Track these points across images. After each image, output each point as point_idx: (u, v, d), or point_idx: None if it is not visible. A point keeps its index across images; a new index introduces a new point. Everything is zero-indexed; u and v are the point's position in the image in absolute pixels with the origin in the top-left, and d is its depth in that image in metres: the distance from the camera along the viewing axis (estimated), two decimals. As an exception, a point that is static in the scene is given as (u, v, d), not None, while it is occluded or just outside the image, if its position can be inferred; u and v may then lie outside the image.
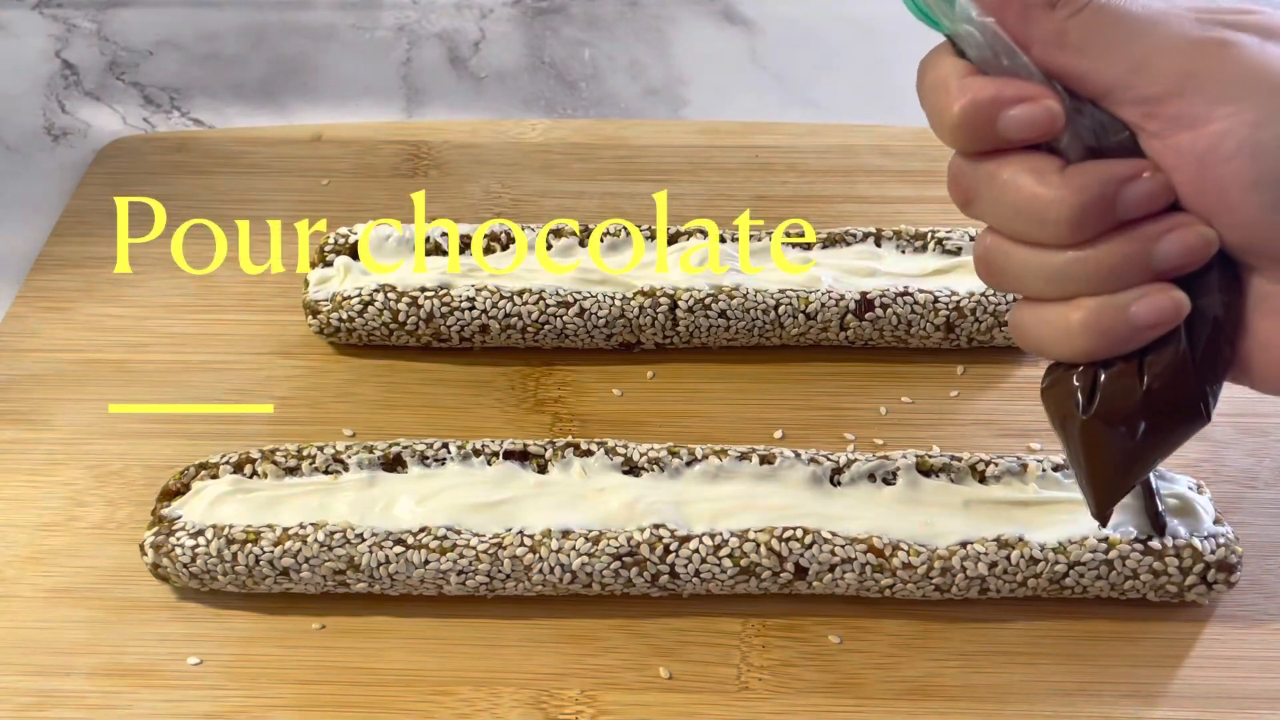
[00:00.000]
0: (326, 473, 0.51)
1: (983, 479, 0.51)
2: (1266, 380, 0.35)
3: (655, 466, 0.51)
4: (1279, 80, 0.31)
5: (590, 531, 0.49)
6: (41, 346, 0.60)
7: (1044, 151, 0.34)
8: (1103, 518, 0.40)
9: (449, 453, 0.52)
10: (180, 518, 0.50)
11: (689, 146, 0.71)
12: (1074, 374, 0.37)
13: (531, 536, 0.49)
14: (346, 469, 0.51)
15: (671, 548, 0.49)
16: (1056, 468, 0.51)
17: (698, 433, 0.56)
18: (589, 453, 0.52)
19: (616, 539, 0.49)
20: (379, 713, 0.47)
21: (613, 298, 0.58)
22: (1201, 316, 0.35)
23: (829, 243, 0.61)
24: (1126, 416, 0.36)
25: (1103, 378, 0.36)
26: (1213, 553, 0.49)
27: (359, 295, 0.58)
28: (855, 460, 0.51)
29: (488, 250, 0.61)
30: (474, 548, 0.49)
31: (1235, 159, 0.32)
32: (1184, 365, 0.35)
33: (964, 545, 0.49)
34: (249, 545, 0.49)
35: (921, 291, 0.58)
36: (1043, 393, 0.38)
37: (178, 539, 0.49)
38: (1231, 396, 0.57)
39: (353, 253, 0.61)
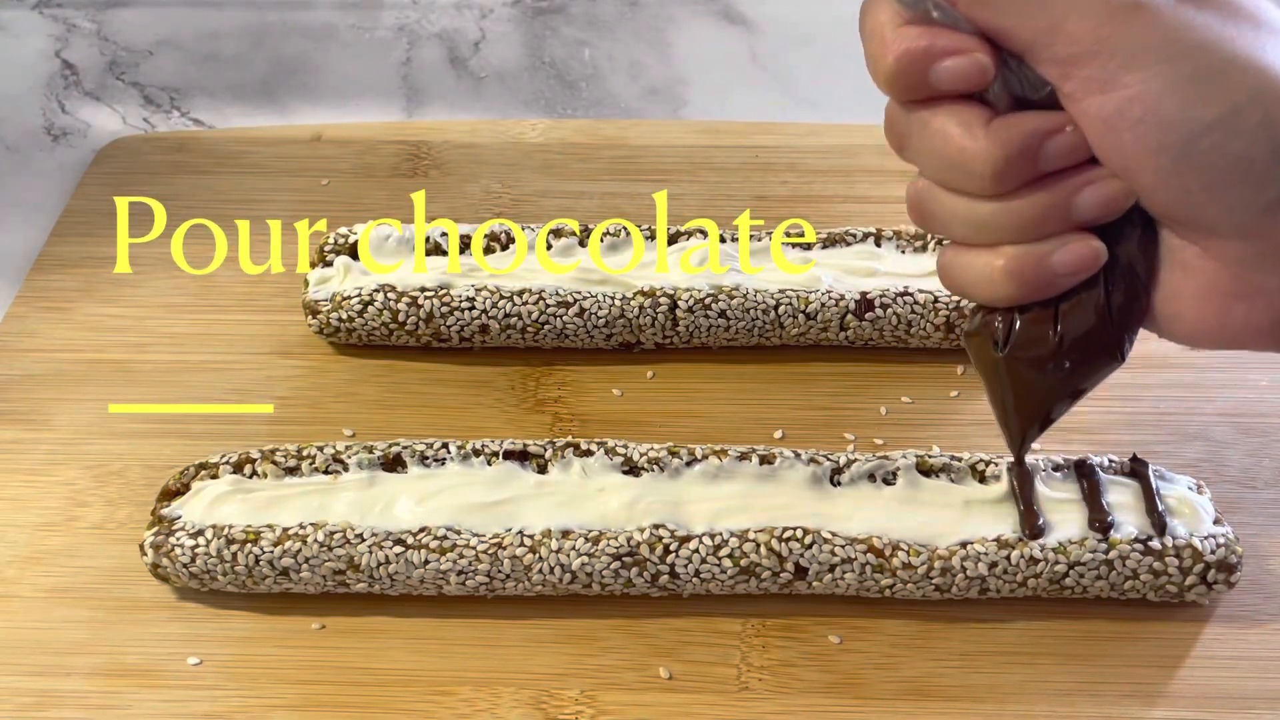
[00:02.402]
0: (326, 473, 0.51)
1: (983, 479, 0.51)
2: (1171, 329, 0.36)
3: (655, 466, 0.51)
4: (1186, 47, 0.32)
5: (590, 531, 0.49)
6: (41, 346, 0.60)
7: (974, 102, 0.35)
8: (1019, 454, 0.41)
9: (449, 453, 0.52)
10: (180, 518, 0.50)
11: (689, 146, 0.71)
12: (996, 316, 0.38)
13: (531, 536, 0.49)
14: (346, 469, 0.51)
15: (671, 548, 0.49)
16: (1057, 468, 0.51)
17: (698, 433, 0.56)
18: (589, 453, 0.52)
19: (616, 539, 0.49)
20: (379, 713, 0.47)
21: (613, 298, 0.58)
22: (1119, 265, 0.36)
23: (829, 243, 0.61)
24: (1041, 357, 0.37)
25: (1018, 321, 0.37)
26: (1213, 553, 0.49)
27: (359, 295, 0.58)
28: (855, 460, 0.51)
29: (488, 250, 0.61)
30: (474, 548, 0.49)
31: (1140, 125, 0.32)
32: (1101, 311, 0.36)
33: (964, 545, 0.49)
34: (249, 545, 0.49)
35: (921, 291, 0.58)
36: (965, 335, 0.39)
37: (177, 539, 0.49)
38: (1233, 397, 0.58)
39: (353, 253, 0.61)
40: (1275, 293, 0.33)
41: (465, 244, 0.61)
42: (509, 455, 0.52)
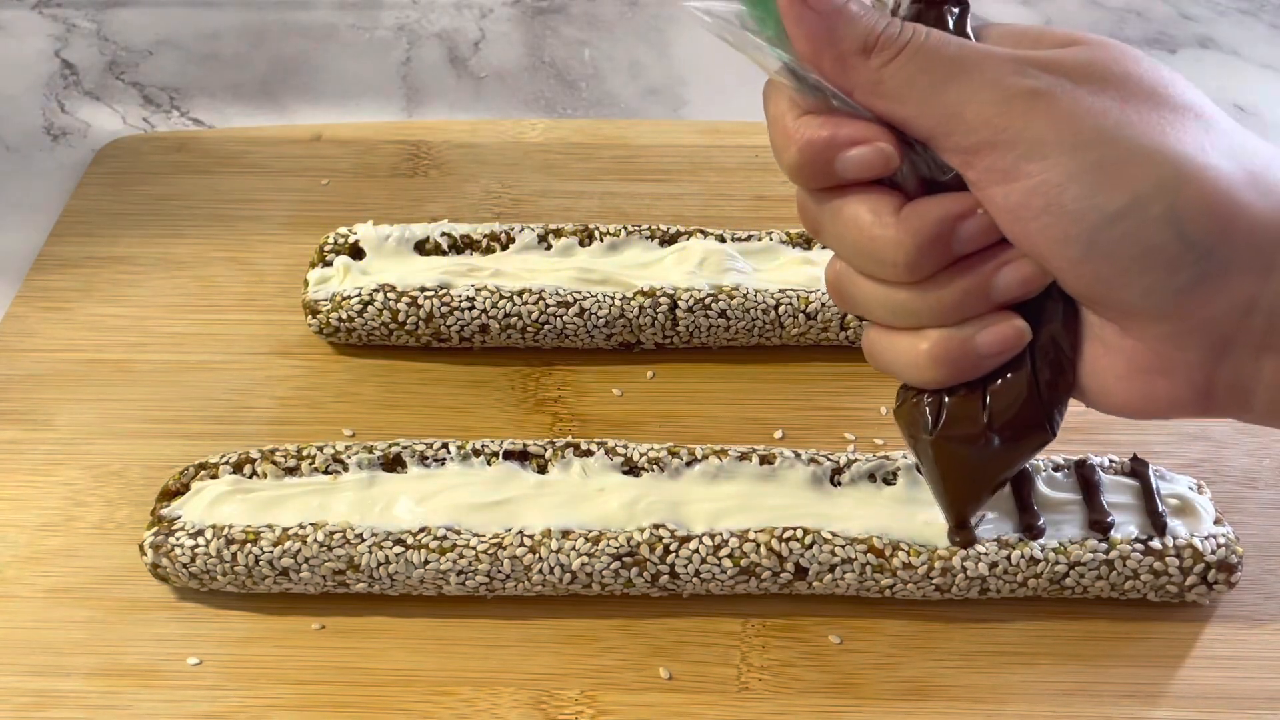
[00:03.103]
0: (326, 473, 0.51)
1: (983, 479, 0.51)
2: (1099, 402, 0.36)
3: (655, 466, 0.51)
4: (1086, 136, 0.31)
5: (590, 531, 0.49)
6: (41, 346, 0.60)
7: (884, 188, 0.34)
8: (959, 531, 0.41)
9: (449, 453, 0.52)
10: (180, 518, 0.50)
11: (689, 146, 0.71)
12: (924, 396, 0.37)
13: (531, 536, 0.49)
14: (346, 469, 0.51)
15: (671, 548, 0.49)
16: (1057, 468, 0.51)
17: (698, 433, 0.56)
18: (589, 453, 0.52)
19: (616, 539, 0.49)
20: (378, 713, 0.47)
21: (613, 298, 0.58)
22: (1043, 341, 0.35)
23: (829, 243, 0.61)
24: (971, 437, 0.37)
25: (947, 400, 0.37)
26: (1213, 553, 0.49)
27: (358, 295, 0.58)
28: (855, 460, 0.51)
29: (488, 250, 0.61)
30: (474, 548, 0.49)
31: (1044, 215, 0.32)
32: (1029, 388, 0.36)
33: (964, 545, 0.49)
34: (248, 545, 0.49)
35: (921, 291, 0.58)
36: (894, 412, 0.39)
37: (177, 539, 0.49)
38: (1232, 396, 0.57)
39: (352, 252, 0.61)
40: (1195, 368, 0.33)
41: (465, 244, 0.61)
42: (509, 455, 0.52)
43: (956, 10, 0.35)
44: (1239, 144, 0.32)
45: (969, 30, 0.35)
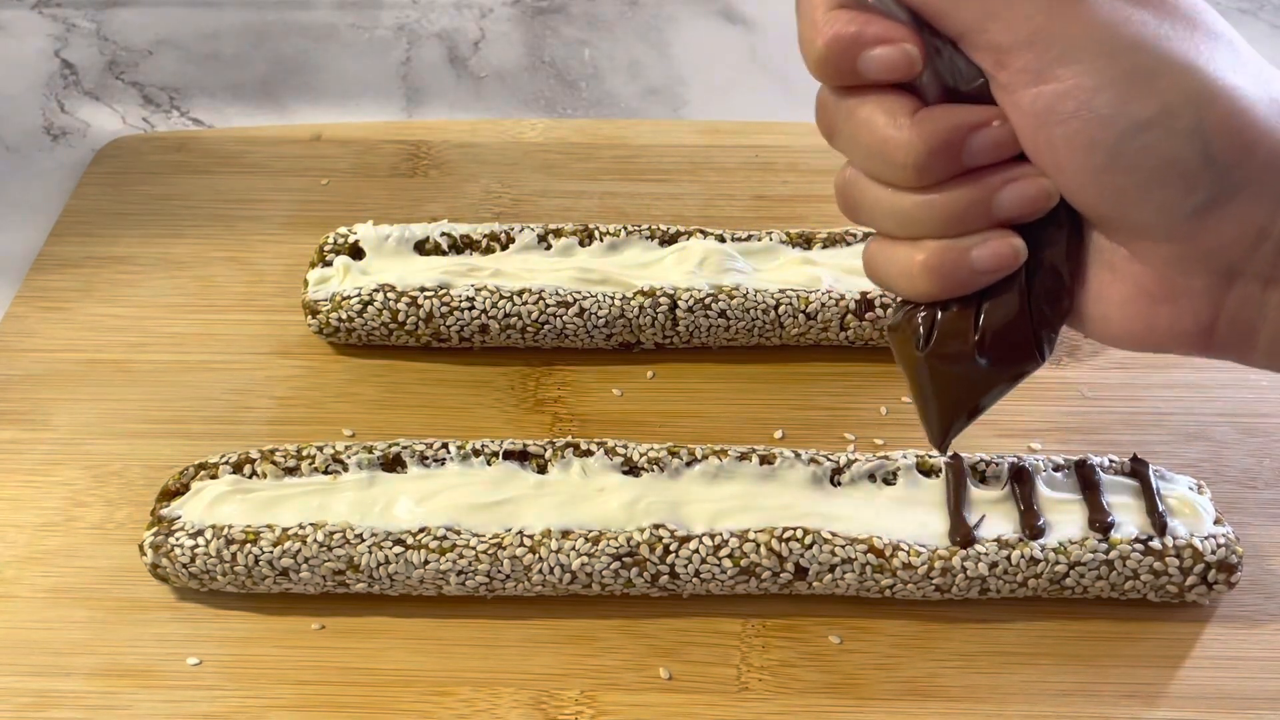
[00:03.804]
0: (326, 473, 0.51)
1: (983, 479, 0.51)
2: (1097, 330, 0.36)
3: (655, 466, 0.51)
4: (1123, 43, 0.31)
5: (590, 531, 0.49)
6: (41, 346, 0.60)
7: (903, 91, 0.34)
8: (941, 447, 0.40)
9: (449, 453, 0.52)
10: (179, 518, 0.50)
11: (689, 146, 0.71)
12: (918, 312, 0.37)
13: (531, 537, 0.49)
14: (346, 469, 0.51)
15: (671, 548, 0.49)
16: (1058, 468, 0.51)
17: (698, 433, 0.56)
18: (589, 453, 0.52)
19: (616, 539, 0.49)
20: (378, 713, 0.47)
21: (613, 298, 0.58)
22: (1041, 264, 0.35)
23: (829, 243, 0.61)
24: (960, 355, 0.37)
25: (940, 317, 0.37)
26: (1213, 553, 0.49)
27: (358, 295, 0.58)
28: (855, 460, 0.51)
29: (488, 250, 0.61)
30: (474, 548, 0.49)
31: (1072, 120, 0.32)
32: (1020, 310, 0.36)
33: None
34: (248, 545, 0.49)
35: (921, 291, 0.58)
36: (888, 329, 0.39)
37: (177, 539, 0.49)
38: (1233, 398, 0.58)
39: (352, 252, 0.61)
40: (1199, 296, 0.33)
41: (465, 244, 0.61)
42: (509, 455, 0.52)
43: None
44: (1267, 73, 0.33)
45: None
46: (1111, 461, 0.52)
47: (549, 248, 0.61)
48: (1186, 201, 0.32)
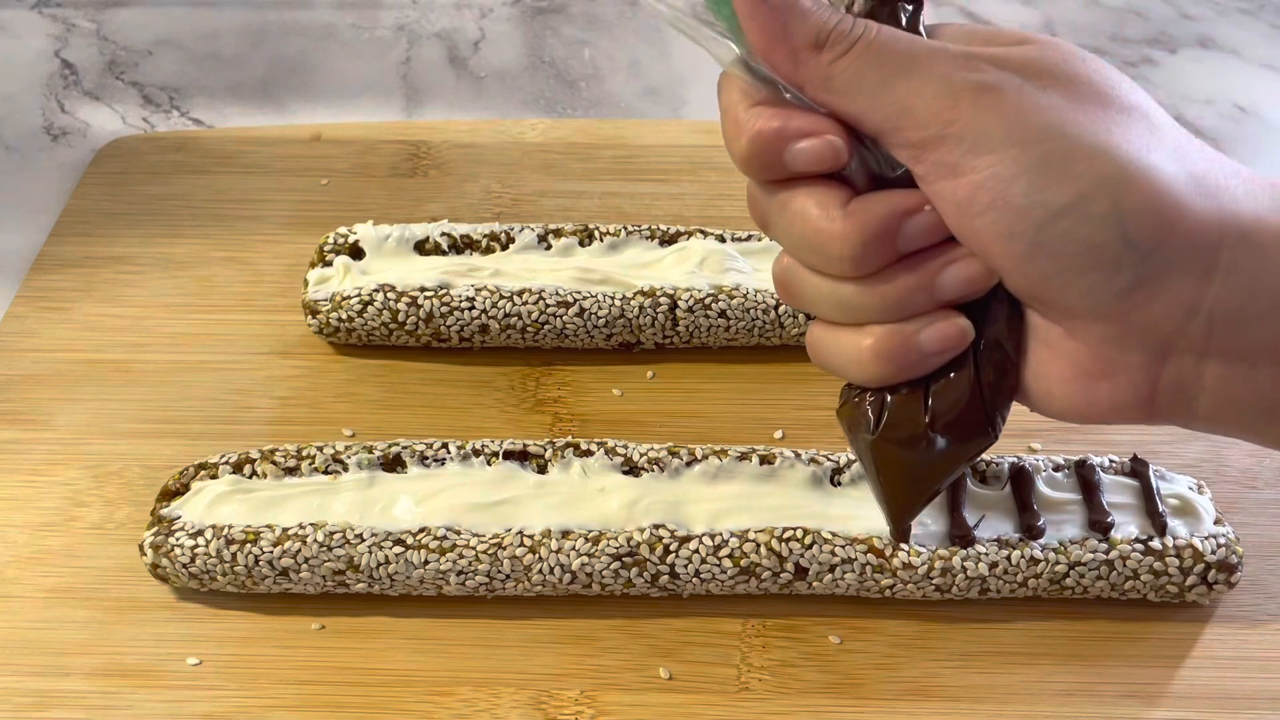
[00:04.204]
0: (326, 473, 0.51)
1: (983, 479, 0.51)
2: (1042, 405, 0.36)
3: (655, 466, 0.51)
4: (1033, 132, 0.31)
5: (590, 531, 0.49)
6: (41, 346, 0.60)
7: (833, 182, 0.34)
8: (899, 533, 0.40)
9: (449, 453, 0.52)
10: (179, 518, 0.50)
11: (689, 146, 0.71)
12: (867, 396, 0.37)
13: (531, 536, 0.49)
14: (346, 469, 0.51)
15: (671, 548, 0.49)
16: (1058, 468, 0.51)
17: (698, 433, 0.56)
18: (589, 453, 0.52)
19: (616, 539, 0.49)
20: (378, 713, 0.47)
21: (613, 298, 0.58)
22: (986, 341, 0.35)
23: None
24: (912, 438, 0.37)
25: (889, 400, 0.37)
26: (1213, 553, 0.49)
27: (358, 295, 0.58)
28: (855, 460, 0.51)
29: (488, 250, 0.61)
30: (474, 548, 0.49)
31: (990, 211, 0.32)
32: (972, 389, 0.36)
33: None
34: (248, 545, 0.49)
35: (921, 291, 0.58)
36: (837, 412, 0.39)
37: (177, 539, 0.49)
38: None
39: (352, 252, 0.61)
40: (1136, 371, 0.33)
41: (465, 244, 0.61)
42: (509, 455, 0.52)
43: (910, 7, 0.35)
44: (1183, 146, 0.33)
45: (922, 28, 0.35)
46: (1111, 461, 0.52)
47: (549, 248, 0.61)
48: (1112, 284, 0.32)
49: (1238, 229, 0.32)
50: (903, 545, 0.48)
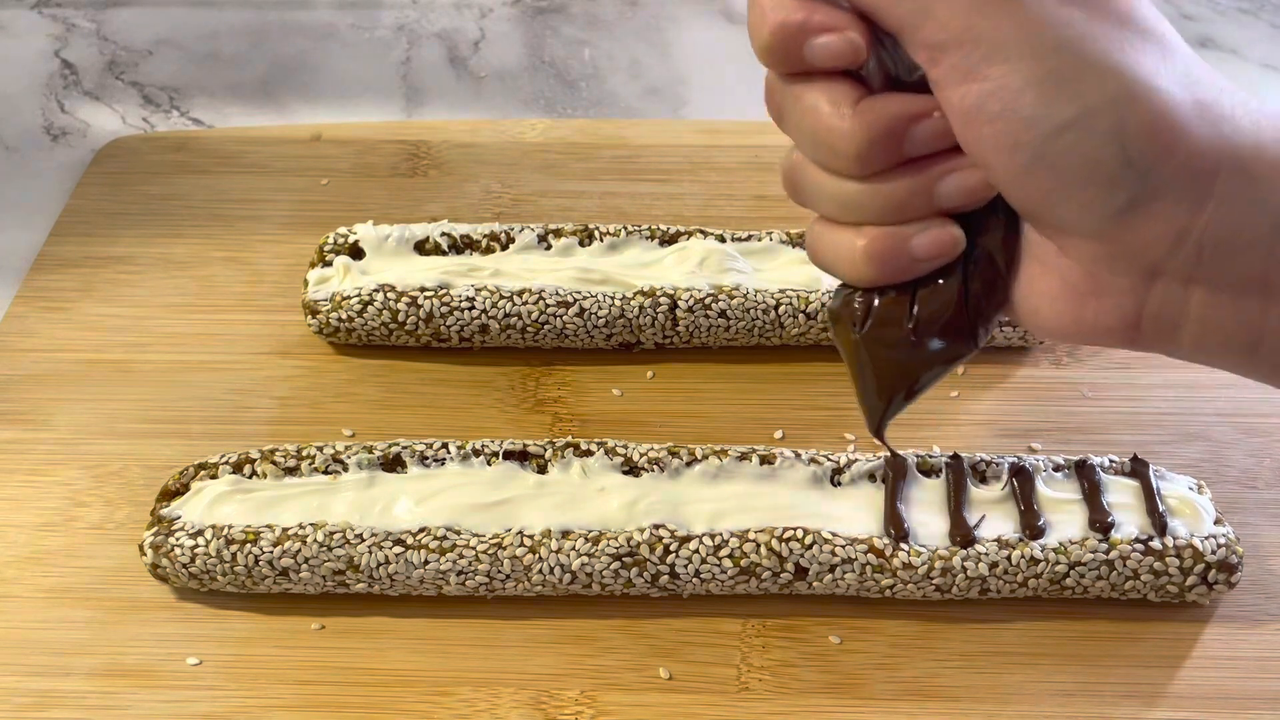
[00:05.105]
0: (326, 473, 0.51)
1: (983, 479, 0.51)
2: (1029, 320, 0.36)
3: (655, 466, 0.51)
4: (1049, 44, 0.32)
5: (590, 532, 0.49)
6: (41, 346, 0.60)
7: (848, 79, 0.34)
8: (877, 431, 0.41)
9: (449, 453, 0.52)
10: (179, 518, 0.50)
11: (689, 146, 0.71)
12: (856, 295, 0.38)
13: (531, 537, 0.49)
14: (346, 469, 0.51)
15: (671, 548, 0.49)
16: (1058, 468, 0.51)
17: (698, 433, 0.56)
18: (589, 453, 0.52)
19: (616, 539, 0.49)
20: (378, 713, 0.47)
21: (613, 298, 0.58)
22: (978, 253, 0.36)
23: (829, 243, 0.61)
24: (895, 339, 0.37)
25: (877, 302, 0.37)
26: (1213, 553, 0.49)
27: (358, 295, 0.58)
28: (855, 460, 0.51)
29: (488, 250, 0.61)
30: (474, 548, 0.49)
31: (997, 120, 0.32)
32: (957, 298, 0.36)
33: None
34: (248, 545, 0.49)
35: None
36: (828, 312, 0.40)
37: (177, 539, 0.49)
38: (1233, 397, 0.58)
39: (352, 252, 0.61)
40: (1125, 293, 0.34)
41: (465, 244, 0.61)
42: (509, 455, 0.52)
43: None
44: (1194, 71, 0.33)
45: None
46: (1112, 461, 0.52)
47: (549, 248, 0.61)
48: (1108, 202, 0.32)
49: (1235, 158, 0.32)
50: (889, 444, 0.47)
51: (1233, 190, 0.32)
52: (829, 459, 0.52)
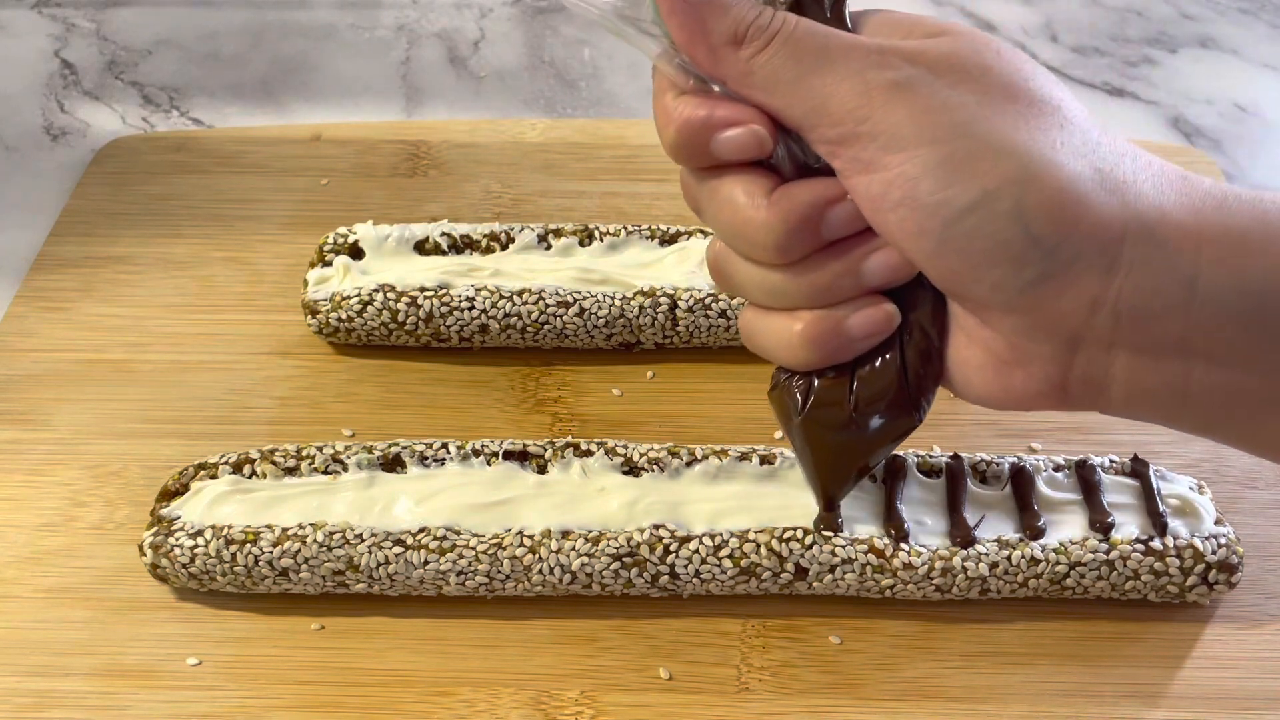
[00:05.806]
0: (326, 473, 0.51)
1: (983, 479, 0.51)
2: (962, 391, 0.37)
3: (655, 466, 0.51)
4: (943, 130, 0.32)
5: (590, 532, 0.49)
6: (40, 346, 0.60)
7: (760, 170, 0.35)
8: (827, 511, 0.41)
9: (448, 453, 0.52)
10: (179, 518, 0.50)
11: (689, 146, 0.71)
12: (795, 378, 0.38)
13: (531, 537, 0.49)
14: (346, 469, 0.51)
15: (671, 548, 0.49)
16: (1058, 468, 0.51)
17: (698, 433, 0.56)
18: (589, 453, 0.52)
19: (616, 539, 0.49)
20: (378, 714, 0.47)
21: (613, 298, 0.58)
22: (911, 326, 0.36)
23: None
24: (838, 420, 0.38)
25: (816, 384, 0.38)
26: (1214, 553, 0.49)
27: (358, 295, 0.58)
28: (855, 460, 0.51)
29: (487, 250, 0.61)
30: (473, 548, 0.49)
31: (900, 208, 0.33)
32: (897, 374, 0.37)
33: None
34: (248, 546, 0.49)
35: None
36: (768, 395, 0.40)
37: (177, 539, 0.49)
38: (1232, 396, 0.57)
39: (352, 252, 0.61)
40: (1049, 361, 0.34)
41: (465, 244, 0.61)
42: (509, 455, 0.52)
43: None
44: (1091, 141, 0.33)
45: (846, 17, 0.36)
46: (1112, 461, 0.52)
47: (549, 248, 0.61)
48: (1017, 278, 0.32)
49: (1140, 225, 0.32)
50: (827, 533, 0.47)
51: (1141, 256, 0.32)
52: (829, 459, 0.52)
